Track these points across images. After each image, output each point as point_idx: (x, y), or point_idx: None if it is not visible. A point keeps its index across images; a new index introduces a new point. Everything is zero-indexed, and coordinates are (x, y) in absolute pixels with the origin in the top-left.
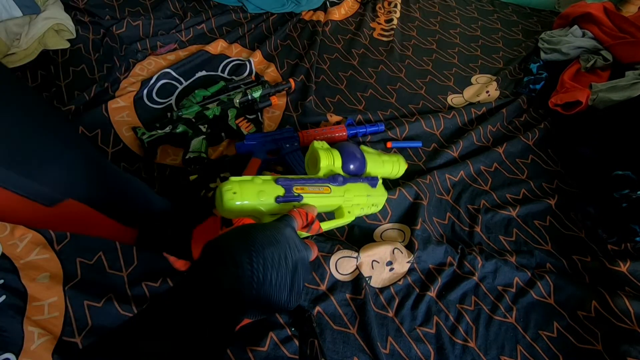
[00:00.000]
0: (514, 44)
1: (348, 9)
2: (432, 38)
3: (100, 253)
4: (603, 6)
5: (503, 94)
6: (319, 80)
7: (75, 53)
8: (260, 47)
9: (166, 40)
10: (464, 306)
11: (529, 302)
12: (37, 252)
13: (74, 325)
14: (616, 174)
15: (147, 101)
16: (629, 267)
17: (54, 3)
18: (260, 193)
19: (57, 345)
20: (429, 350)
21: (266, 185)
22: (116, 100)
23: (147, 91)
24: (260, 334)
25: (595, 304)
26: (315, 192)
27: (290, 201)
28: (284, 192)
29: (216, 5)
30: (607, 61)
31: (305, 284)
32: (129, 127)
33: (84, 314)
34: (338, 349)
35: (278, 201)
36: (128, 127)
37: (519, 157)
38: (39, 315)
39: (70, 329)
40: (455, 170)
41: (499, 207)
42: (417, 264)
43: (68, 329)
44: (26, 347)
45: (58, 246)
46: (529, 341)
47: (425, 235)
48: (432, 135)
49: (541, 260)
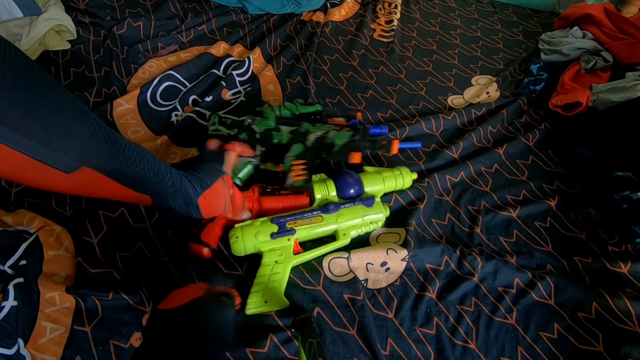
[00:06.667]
0: (514, 45)
1: (348, 9)
2: (432, 39)
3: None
4: (603, 7)
5: (503, 95)
6: (319, 81)
7: (76, 54)
8: (261, 47)
9: (167, 42)
10: (464, 307)
11: (529, 303)
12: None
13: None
14: (617, 175)
15: (151, 104)
16: (629, 268)
17: (55, 4)
18: (258, 233)
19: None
20: (429, 351)
21: (263, 226)
22: (120, 103)
23: (151, 94)
24: (261, 335)
25: (595, 305)
26: (307, 223)
27: (285, 235)
28: (277, 228)
29: (217, 6)
30: (608, 62)
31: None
32: (134, 129)
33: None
34: (338, 350)
35: (273, 237)
36: (133, 129)
37: (519, 158)
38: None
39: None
40: (455, 171)
41: (499, 208)
42: (413, 262)
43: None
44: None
45: None
46: (529, 342)
47: (421, 236)
48: (432, 136)
49: (541, 261)
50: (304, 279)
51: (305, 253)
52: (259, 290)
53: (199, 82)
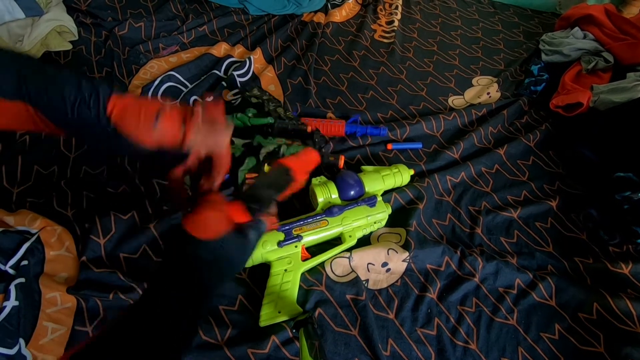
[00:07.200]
0: (515, 45)
1: (349, 10)
2: (433, 40)
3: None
4: (604, 8)
5: (504, 96)
6: (320, 82)
7: (78, 54)
8: (262, 48)
9: (168, 42)
10: (465, 308)
11: (530, 303)
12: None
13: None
14: (618, 176)
15: None
16: (630, 269)
17: (57, 5)
18: (265, 243)
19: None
20: (430, 352)
21: (269, 235)
22: None
23: (152, 94)
24: (262, 335)
25: (596, 306)
26: (313, 228)
27: (292, 243)
28: (284, 236)
29: (218, 7)
30: (608, 63)
31: None
32: None
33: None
34: (339, 350)
35: (281, 245)
36: None
37: (520, 158)
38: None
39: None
40: (456, 172)
41: (500, 208)
42: (414, 263)
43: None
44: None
45: None
46: (530, 343)
47: (421, 236)
48: (432, 137)
49: (542, 262)
50: (307, 280)
51: (314, 259)
52: (271, 301)
53: (200, 82)
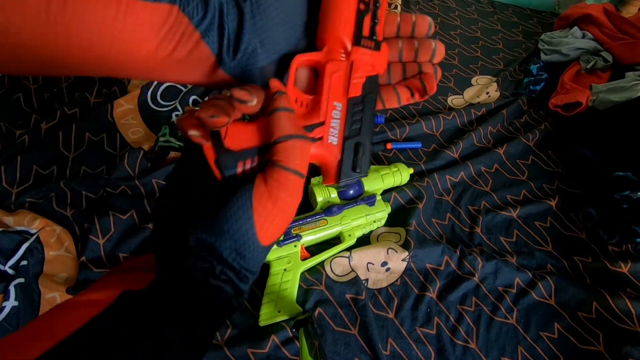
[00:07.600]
0: (514, 45)
1: None
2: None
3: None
4: (603, 7)
5: (503, 95)
6: None
7: None
8: None
9: None
10: (465, 307)
11: (529, 303)
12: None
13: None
14: (617, 175)
15: (151, 104)
16: (630, 268)
17: None
18: None
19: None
20: (430, 351)
21: None
22: (120, 103)
23: (152, 94)
24: (261, 335)
25: (596, 305)
26: (312, 228)
27: (291, 242)
28: (283, 236)
29: None
30: (607, 62)
31: None
32: (134, 130)
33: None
34: (339, 350)
35: (280, 245)
36: (134, 130)
37: (519, 158)
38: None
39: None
40: (455, 171)
41: (499, 208)
42: (413, 262)
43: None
44: None
45: None
46: (529, 342)
47: (421, 236)
48: (432, 136)
49: (542, 261)
50: (306, 280)
51: (313, 258)
52: (270, 300)
53: None
